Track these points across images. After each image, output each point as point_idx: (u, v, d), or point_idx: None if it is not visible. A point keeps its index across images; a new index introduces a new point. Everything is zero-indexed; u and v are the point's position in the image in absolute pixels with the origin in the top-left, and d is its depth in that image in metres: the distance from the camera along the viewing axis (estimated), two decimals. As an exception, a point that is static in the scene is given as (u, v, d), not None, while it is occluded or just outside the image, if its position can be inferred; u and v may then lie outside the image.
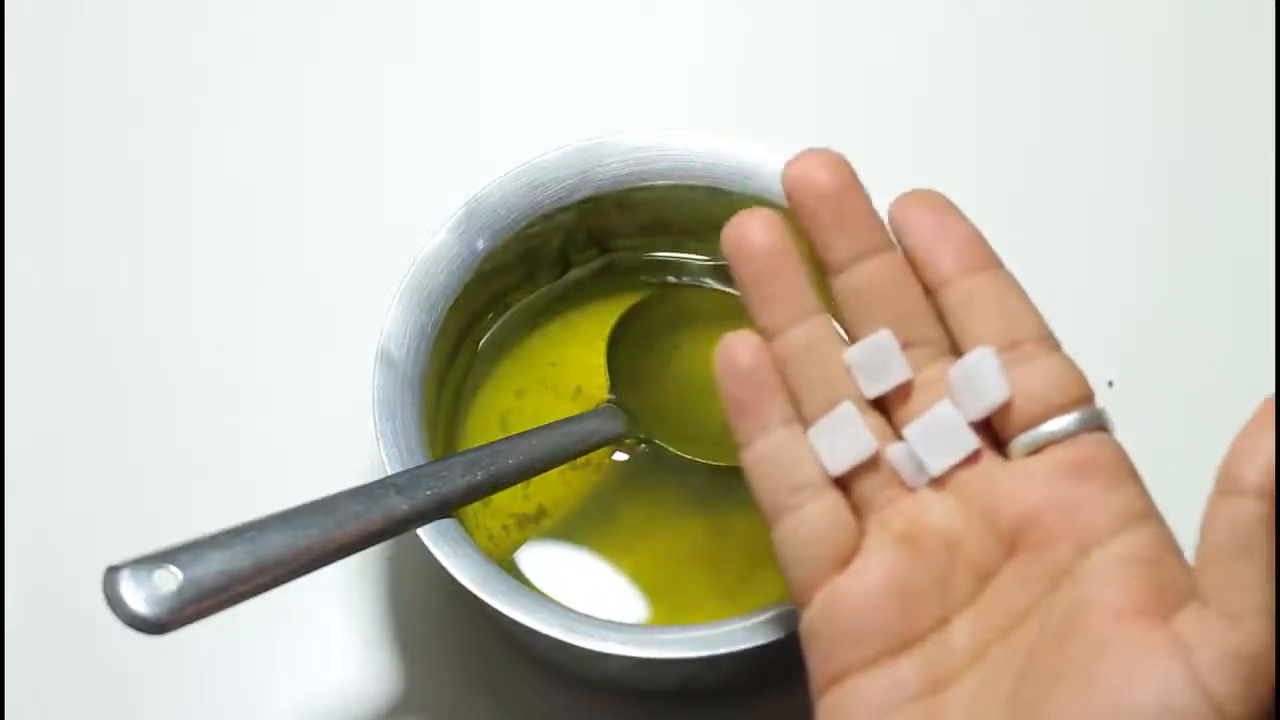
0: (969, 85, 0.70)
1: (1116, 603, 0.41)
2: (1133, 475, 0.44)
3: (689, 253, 0.61)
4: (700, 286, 0.61)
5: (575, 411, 0.57)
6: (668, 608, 0.56)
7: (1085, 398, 0.45)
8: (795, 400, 0.46)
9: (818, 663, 0.45)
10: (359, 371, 0.55)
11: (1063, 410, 0.44)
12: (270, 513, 0.49)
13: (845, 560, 0.45)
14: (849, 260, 0.47)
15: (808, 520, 0.45)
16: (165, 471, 0.61)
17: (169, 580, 0.46)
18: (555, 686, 0.57)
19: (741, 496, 0.57)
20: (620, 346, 0.58)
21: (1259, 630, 0.40)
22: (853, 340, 0.47)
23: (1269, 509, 0.40)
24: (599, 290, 0.61)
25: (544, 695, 0.57)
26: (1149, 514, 0.43)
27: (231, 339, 0.64)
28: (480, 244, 0.58)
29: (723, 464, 0.57)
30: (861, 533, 0.45)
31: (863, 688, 0.44)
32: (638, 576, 0.56)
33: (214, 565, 0.47)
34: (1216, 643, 0.40)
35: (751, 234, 0.46)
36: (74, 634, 0.57)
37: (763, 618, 0.51)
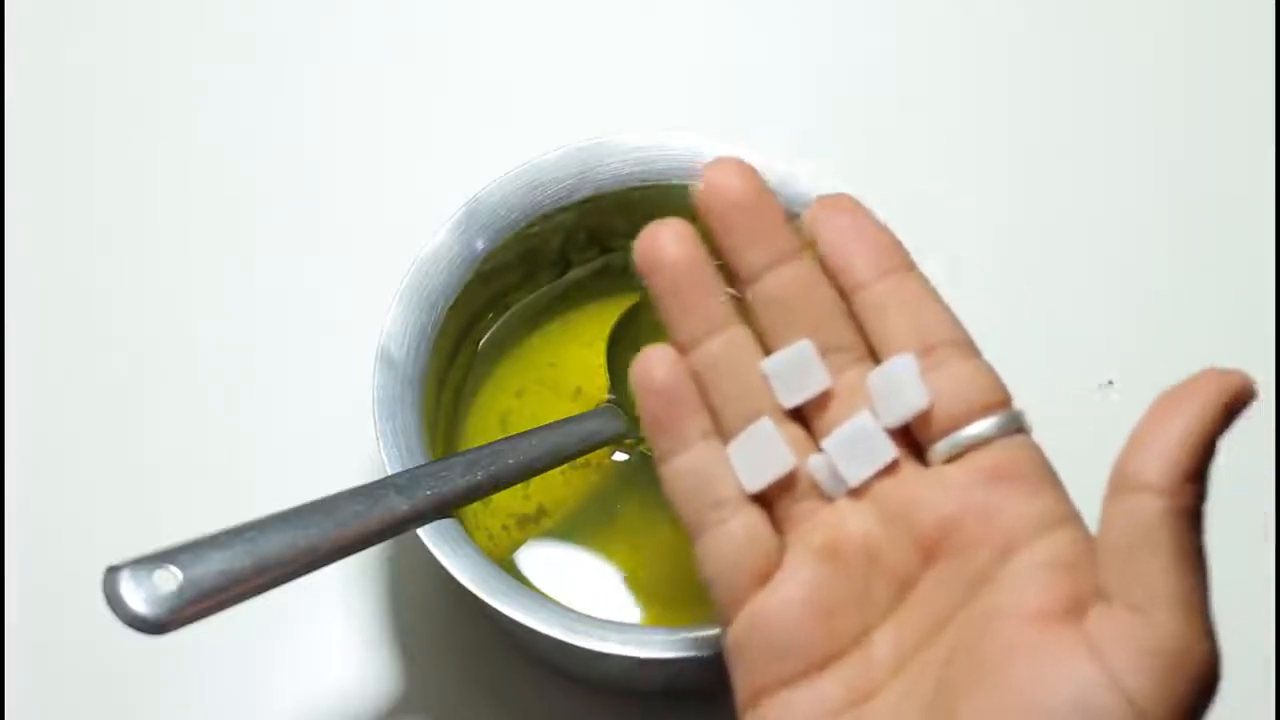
0: (969, 86, 0.70)
1: (1029, 606, 0.41)
2: (1052, 479, 0.44)
3: (689, 253, 0.61)
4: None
5: (575, 411, 0.57)
6: (667, 607, 0.56)
7: (1002, 401, 0.45)
8: (714, 413, 0.46)
9: (742, 678, 0.44)
10: (359, 371, 0.55)
11: (980, 415, 0.44)
12: (270, 513, 0.49)
13: (766, 576, 0.45)
14: (762, 268, 0.46)
15: (728, 537, 0.45)
16: (165, 471, 0.61)
17: (169, 580, 0.46)
18: (555, 686, 0.57)
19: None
20: (620, 346, 0.58)
21: (1168, 623, 0.40)
22: (768, 349, 0.46)
23: (1171, 503, 0.40)
24: (599, 290, 0.61)
25: (544, 695, 0.57)
26: (1068, 518, 0.43)
27: (232, 339, 0.64)
28: (480, 244, 0.58)
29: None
30: (782, 547, 0.45)
31: (787, 703, 0.44)
32: (638, 576, 0.56)
33: (214, 565, 0.47)
34: (1126, 639, 0.40)
35: (664, 245, 0.46)
36: (74, 634, 0.57)
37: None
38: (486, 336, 0.60)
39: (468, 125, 0.68)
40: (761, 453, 0.45)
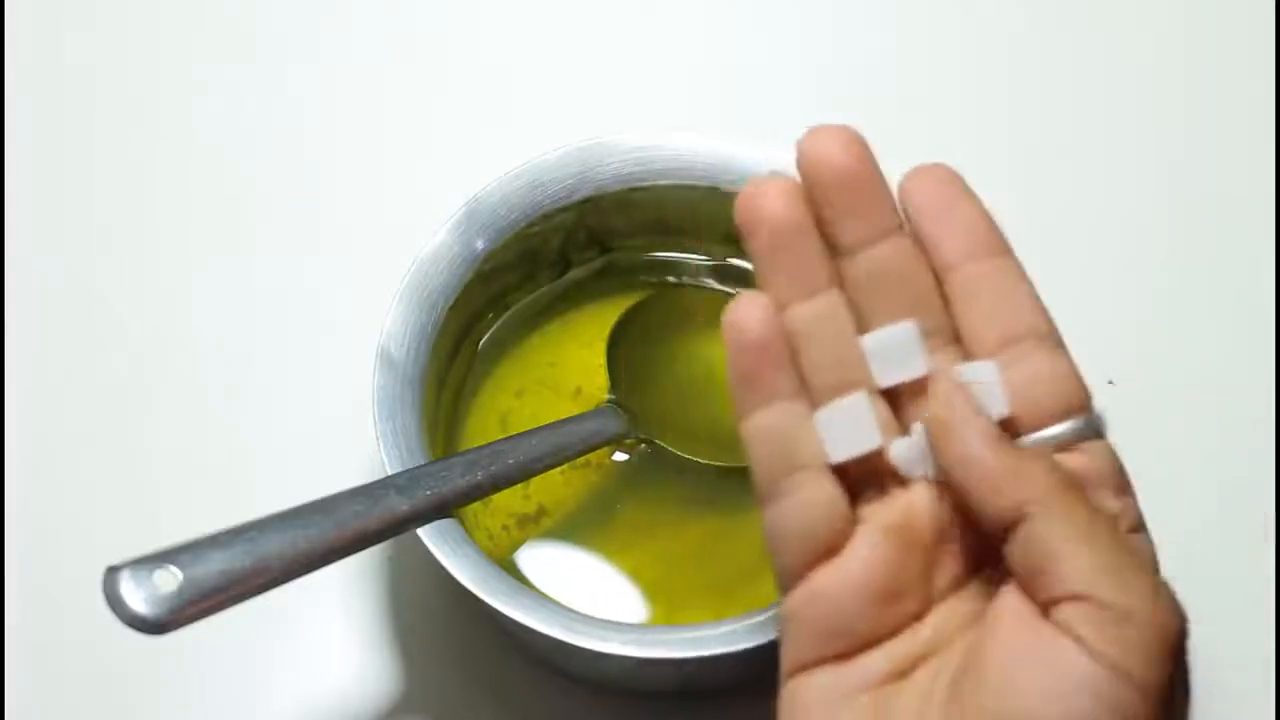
0: (969, 85, 0.70)
1: (1017, 595, 0.42)
2: (1123, 487, 0.44)
3: (689, 253, 0.61)
4: (700, 287, 0.61)
5: (575, 411, 0.57)
6: (668, 608, 0.56)
7: (1082, 404, 0.44)
8: (802, 377, 0.45)
9: (792, 648, 0.44)
10: (359, 371, 0.55)
11: (1060, 417, 0.44)
12: (270, 513, 0.49)
13: (834, 550, 0.44)
14: (861, 243, 0.45)
15: (801, 506, 0.44)
16: (165, 471, 0.61)
17: (169, 580, 0.46)
18: (555, 686, 0.57)
19: (742, 497, 0.57)
20: (620, 346, 0.58)
21: (1110, 596, 0.40)
22: (861, 323, 0.45)
23: (1020, 501, 0.41)
24: (599, 290, 0.61)
25: (544, 695, 0.57)
26: (1133, 527, 0.43)
27: (232, 339, 0.64)
28: (480, 244, 0.58)
29: (723, 464, 0.57)
30: (854, 520, 0.44)
31: (831, 678, 0.43)
32: (638, 576, 0.56)
33: (214, 565, 0.47)
34: (1086, 619, 0.40)
35: (767, 202, 0.45)
36: (74, 634, 0.57)
37: (762, 618, 0.51)
38: (486, 336, 0.60)
39: (468, 125, 0.68)
40: (851, 426, 0.44)
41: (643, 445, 0.57)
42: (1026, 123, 0.69)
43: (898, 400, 0.45)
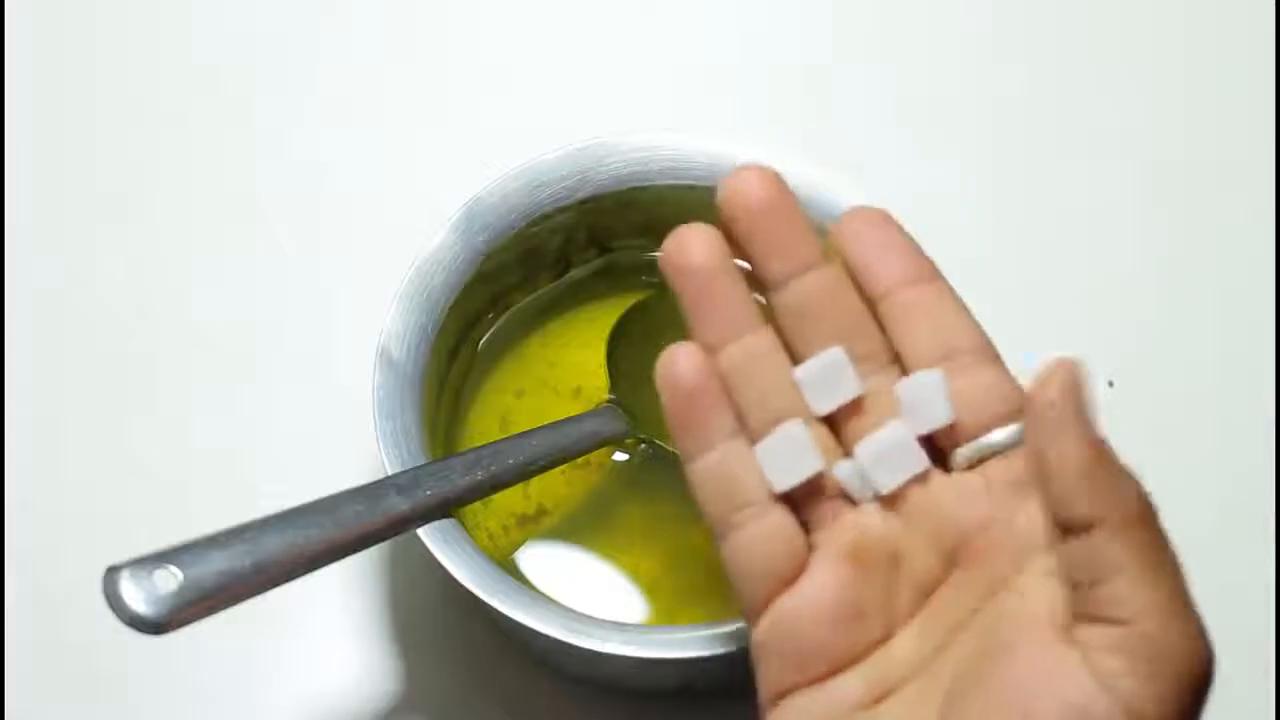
0: (969, 85, 0.70)
1: (1034, 611, 0.42)
2: None
3: (689, 253, 0.61)
4: (700, 286, 0.61)
5: (575, 411, 0.57)
6: (668, 608, 0.56)
7: (1022, 410, 0.44)
8: (739, 415, 0.46)
9: (767, 678, 0.45)
10: (359, 371, 0.55)
11: (1002, 422, 0.45)
12: (270, 513, 0.49)
13: (792, 577, 0.45)
14: (786, 276, 0.46)
15: (754, 538, 0.45)
16: (165, 471, 0.61)
17: (169, 580, 0.46)
18: (555, 686, 0.57)
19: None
20: (620, 346, 0.58)
21: (1153, 630, 0.40)
22: (794, 355, 0.47)
23: (1116, 523, 0.40)
24: (599, 290, 0.61)
25: (544, 695, 0.57)
26: None
27: (232, 339, 0.64)
28: (480, 244, 0.58)
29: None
30: (808, 547, 0.45)
31: (808, 703, 0.44)
32: (638, 576, 0.56)
33: (214, 565, 0.47)
34: (1116, 647, 0.40)
35: (691, 247, 0.46)
36: (74, 634, 0.57)
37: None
38: (487, 336, 0.60)
39: (468, 125, 0.68)
40: (790, 454, 0.45)
41: (643, 445, 0.57)
42: (1027, 122, 0.69)
43: (836, 425, 0.47)
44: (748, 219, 0.46)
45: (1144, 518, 0.41)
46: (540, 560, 0.56)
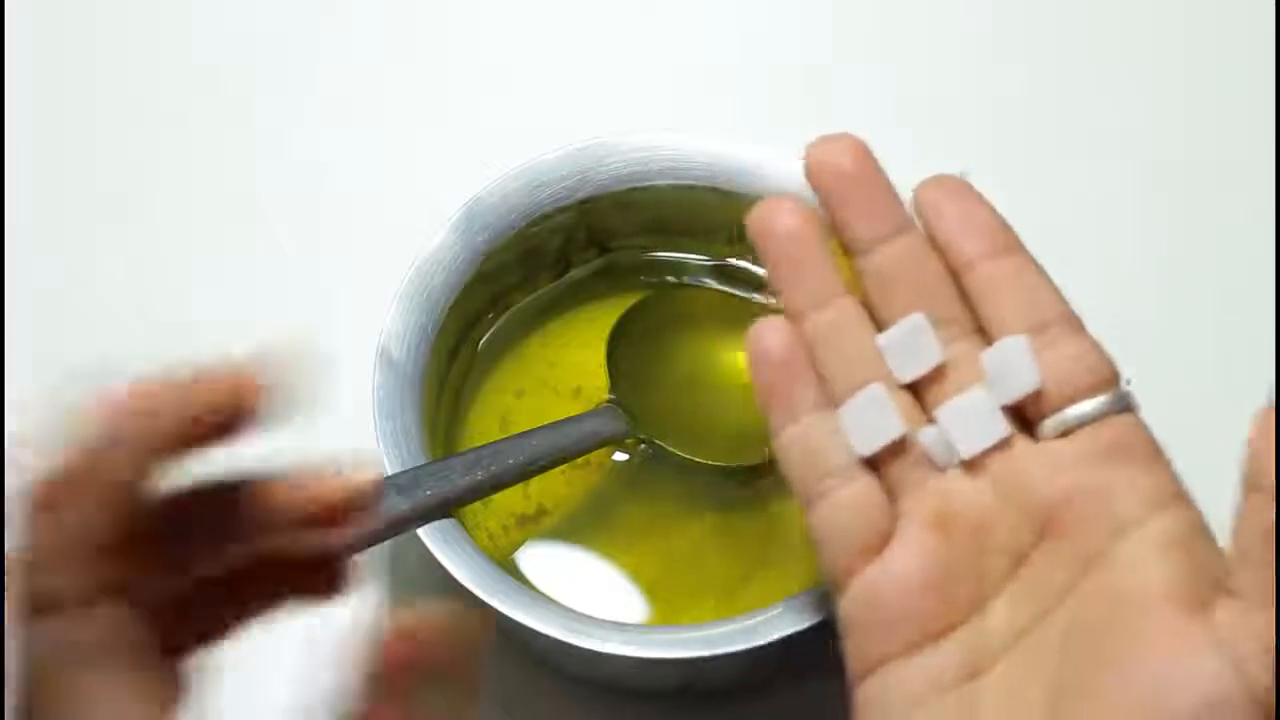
0: (969, 86, 0.70)
1: (1150, 591, 0.41)
2: (1160, 457, 0.45)
3: (689, 253, 0.61)
4: (700, 286, 0.61)
5: (575, 411, 0.57)
6: (668, 608, 0.56)
7: (1112, 379, 0.45)
8: (825, 383, 0.46)
9: (855, 651, 0.45)
10: (359, 371, 0.55)
11: (1090, 393, 0.45)
12: (270, 513, 0.49)
13: (879, 545, 0.45)
14: (872, 241, 0.47)
15: (840, 506, 0.45)
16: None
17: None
18: (555, 686, 0.57)
19: (741, 496, 0.57)
20: (620, 346, 0.58)
21: None
22: (878, 320, 0.47)
23: None
24: (599, 290, 0.61)
25: (544, 695, 0.57)
26: (1179, 496, 0.44)
27: (232, 338, 0.64)
28: (480, 243, 0.58)
29: (723, 464, 0.57)
30: (894, 515, 0.45)
31: (902, 674, 0.44)
32: (638, 576, 0.56)
33: (214, 565, 0.47)
34: (1257, 635, 0.40)
35: (780, 216, 0.47)
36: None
37: (762, 618, 0.51)
38: (487, 336, 0.60)
39: (468, 125, 0.68)
40: (873, 417, 0.45)
41: (643, 445, 0.57)
42: (1027, 123, 0.69)
43: (920, 393, 0.47)
44: (833, 184, 0.47)
45: None
46: (540, 560, 0.56)
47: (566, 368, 0.60)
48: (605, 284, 0.61)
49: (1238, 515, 0.41)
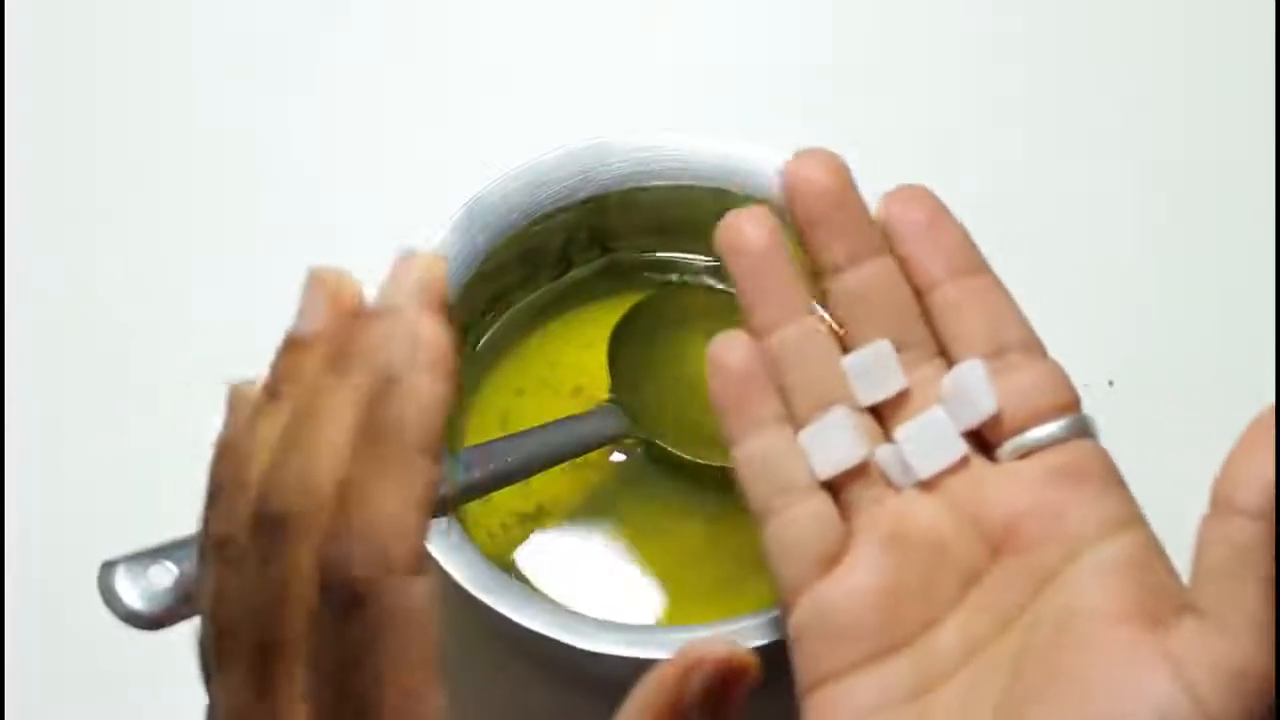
0: (969, 86, 0.70)
1: (1105, 609, 0.41)
2: (1119, 481, 0.44)
3: (691, 253, 0.61)
4: (702, 286, 0.61)
5: (575, 411, 0.57)
6: (668, 608, 0.56)
7: (1071, 404, 0.45)
8: (786, 399, 0.46)
9: (804, 664, 0.45)
10: (359, 371, 0.55)
11: (1049, 417, 0.45)
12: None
13: (832, 562, 0.45)
14: (845, 262, 0.47)
15: (794, 522, 0.45)
16: (164, 468, 0.61)
17: (164, 576, 0.46)
18: (555, 686, 0.57)
19: (740, 496, 0.57)
20: (621, 346, 0.58)
21: (1254, 646, 0.40)
22: (844, 339, 0.47)
23: (1267, 530, 0.40)
24: (600, 290, 0.61)
25: (544, 695, 0.57)
26: (1135, 519, 0.44)
27: (232, 337, 0.64)
28: (481, 243, 0.58)
29: (723, 464, 0.57)
30: (849, 534, 0.45)
31: (850, 690, 0.44)
32: (637, 576, 0.56)
33: (212, 563, 0.47)
34: (1212, 658, 0.40)
35: (746, 231, 0.47)
36: (74, 632, 0.57)
37: (761, 618, 0.51)
38: (487, 335, 0.60)
39: (469, 125, 0.68)
40: (835, 441, 0.46)
41: (642, 445, 0.57)
42: (1027, 123, 0.69)
43: (881, 414, 0.47)
44: (809, 202, 0.47)
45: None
46: (540, 560, 0.56)
47: (567, 367, 0.60)
48: (606, 284, 0.61)
49: (1204, 531, 0.41)
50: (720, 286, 0.61)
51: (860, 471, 0.45)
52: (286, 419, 0.37)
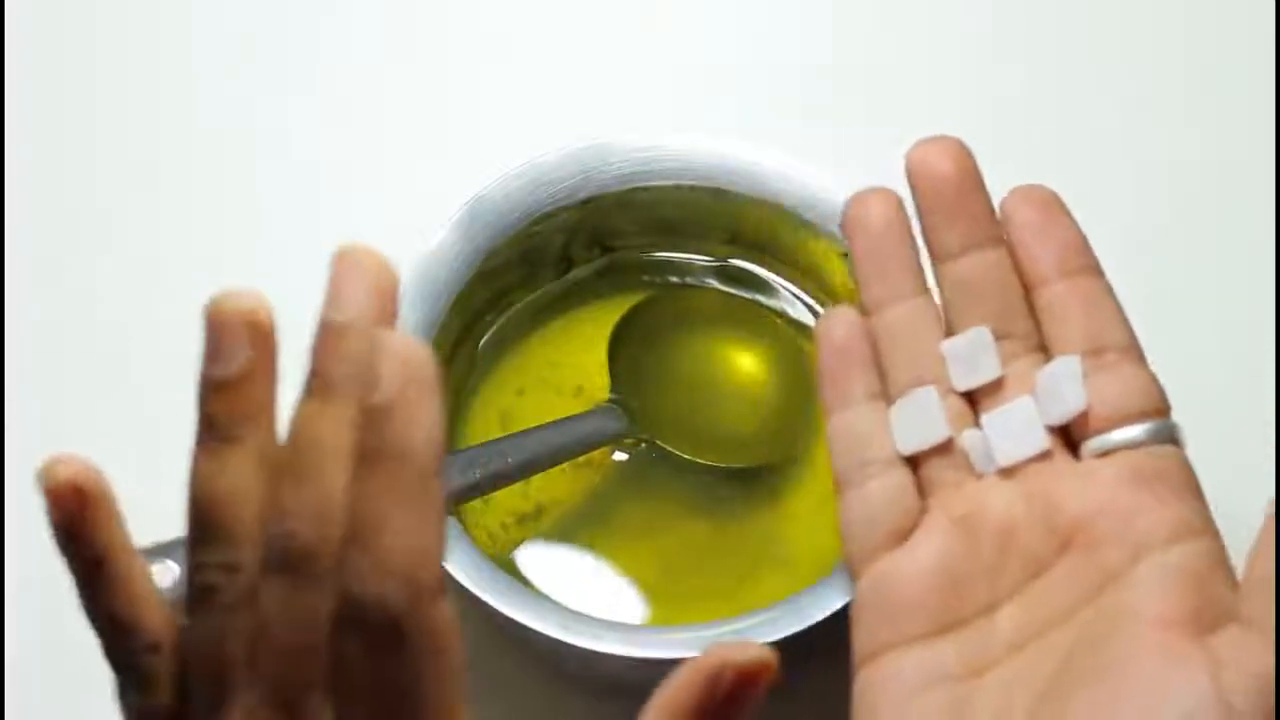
0: (969, 86, 0.70)
1: (1156, 612, 0.42)
2: (1195, 490, 0.45)
3: (691, 253, 0.61)
4: (702, 287, 0.61)
5: (576, 410, 0.57)
6: (668, 608, 0.56)
7: (1160, 410, 0.46)
8: (885, 377, 0.47)
9: (862, 635, 0.45)
10: (359, 370, 0.55)
11: (1136, 420, 0.45)
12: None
13: (902, 537, 0.46)
14: (959, 249, 0.47)
15: (870, 495, 0.46)
16: (163, 467, 0.61)
17: (164, 575, 0.46)
18: (555, 686, 0.57)
19: (741, 496, 0.57)
20: (622, 346, 0.58)
21: None
22: (949, 325, 0.48)
23: None
24: (601, 290, 0.61)
25: (544, 695, 0.57)
26: (1205, 530, 0.44)
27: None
28: (482, 242, 0.58)
29: (723, 464, 0.57)
30: (923, 510, 0.46)
31: (902, 664, 0.44)
32: (637, 576, 0.56)
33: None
34: (1250, 666, 0.40)
35: (873, 208, 0.48)
36: (74, 632, 0.57)
37: (761, 618, 0.51)
38: (488, 335, 0.60)
39: (470, 124, 0.68)
40: (921, 418, 0.46)
41: (643, 445, 0.57)
42: (1026, 123, 0.69)
43: (974, 400, 0.47)
44: (932, 187, 0.47)
45: None
46: (539, 559, 0.56)
47: (567, 367, 0.60)
48: (607, 284, 0.61)
49: (1262, 541, 0.41)
50: (721, 287, 0.61)
51: (943, 451, 0.46)
52: (264, 453, 0.37)
